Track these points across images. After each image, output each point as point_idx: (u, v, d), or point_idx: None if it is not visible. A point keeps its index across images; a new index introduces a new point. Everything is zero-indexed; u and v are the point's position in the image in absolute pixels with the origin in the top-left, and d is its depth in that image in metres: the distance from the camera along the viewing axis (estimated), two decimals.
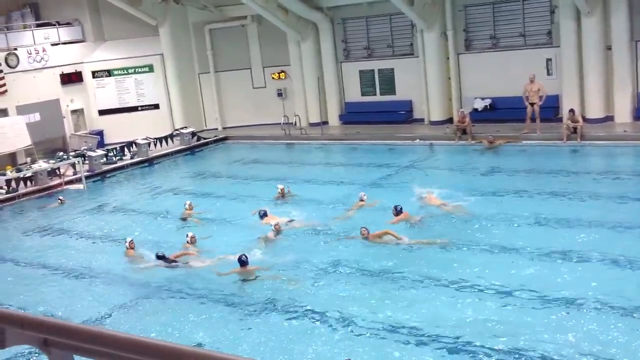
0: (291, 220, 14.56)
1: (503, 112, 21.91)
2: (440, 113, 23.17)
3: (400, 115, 23.99)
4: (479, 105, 22.38)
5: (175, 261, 12.82)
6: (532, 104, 20.13)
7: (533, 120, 20.18)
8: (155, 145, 23.90)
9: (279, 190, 16.75)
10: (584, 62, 20.28)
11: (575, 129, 19.37)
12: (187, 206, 16.29)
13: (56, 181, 20.75)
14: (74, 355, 1.84)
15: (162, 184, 20.31)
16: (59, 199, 18.63)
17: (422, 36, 22.89)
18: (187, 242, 13.45)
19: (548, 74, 21.30)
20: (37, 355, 8.77)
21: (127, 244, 13.82)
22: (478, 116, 21.92)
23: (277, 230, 13.79)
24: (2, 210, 18.65)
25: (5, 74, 23.39)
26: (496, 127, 20.98)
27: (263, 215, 14.75)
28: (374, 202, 15.14)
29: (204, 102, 27.28)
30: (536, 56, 21.37)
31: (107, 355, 1.69)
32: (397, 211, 13.86)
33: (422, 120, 23.65)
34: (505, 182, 16.28)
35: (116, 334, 1.67)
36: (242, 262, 11.88)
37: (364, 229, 13.02)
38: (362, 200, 15.22)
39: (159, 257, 12.91)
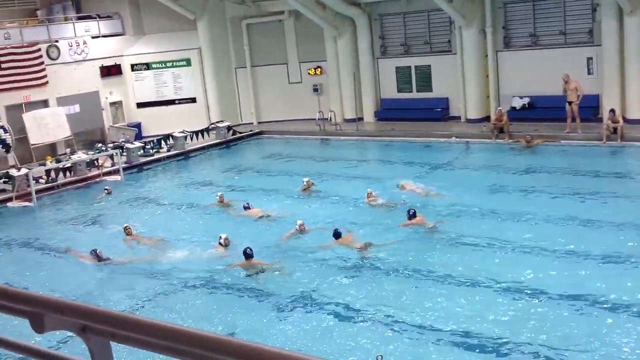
0: (268, 216, 15.04)
1: (542, 111, 21.60)
2: (477, 111, 22.95)
3: (436, 112, 23.83)
4: (517, 103, 22.10)
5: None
6: (569, 103, 19.82)
7: (573, 119, 19.87)
8: (191, 138, 24.11)
9: (305, 183, 16.99)
10: (625, 62, 19.89)
11: (615, 129, 19.02)
12: (218, 197, 16.52)
13: (94, 172, 21.06)
14: (110, 342, 1.86)
15: (198, 177, 20.49)
16: (105, 189, 18.88)
17: (460, 33, 22.69)
18: (220, 243, 13.10)
19: (589, 73, 20.94)
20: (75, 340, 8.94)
21: (124, 230, 14.36)
22: (516, 115, 21.64)
23: (302, 230, 13.77)
24: (41, 199, 18.98)
25: (46, 65, 23.81)
26: (534, 126, 20.71)
27: (246, 207, 15.36)
28: (377, 199, 15.16)
29: (240, 96, 27.42)
30: (576, 55, 21.03)
31: (143, 343, 1.70)
32: (410, 215, 13.53)
33: (458, 118, 23.47)
34: (542, 182, 16.05)
35: (153, 322, 1.69)
36: (247, 255, 11.96)
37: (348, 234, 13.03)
38: (368, 197, 15.14)
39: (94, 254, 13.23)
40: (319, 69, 26.22)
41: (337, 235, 12.85)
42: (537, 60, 21.83)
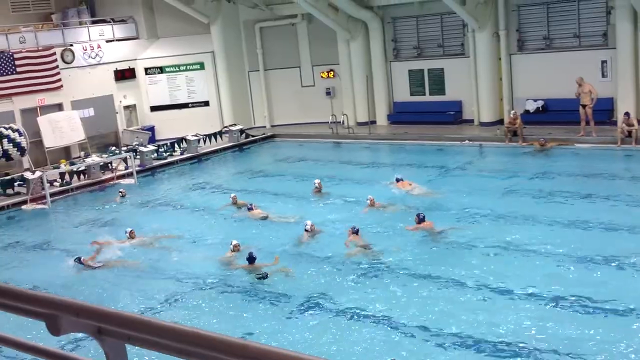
0: (266, 217, 15.34)
1: (556, 114, 21.48)
2: (491, 114, 22.87)
3: (449, 115, 23.76)
4: (531, 106, 22.00)
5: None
6: (583, 106, 19.71)
7: (587, 123, 19.75)
8: (204, 141, 24.18)
9: (316, 185, 17.07)
10: None
11: (630, 132, 18.88)
12: (232, 199, 16.68)
13: (108, 175, 21.17)
14: (126, 345, 1.87)
15: (211, 180, 20.54)
16: (120, 192, 18.97)
17: (473, 36, 22.63)
18: (231, 249, 13.06)
19: (603, 76, 20.80)
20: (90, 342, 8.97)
21: (127, 234, 14.50)
22: (529, 118, 21.54)
23: (313, 231, 13.82)
24: (55, 202, 19.10)
25: (61, 69, 23.98)
26: (548, 129, 20.60)
27: (249, 208, 15.69)
28: (381, 204, 15.21)
29: (253, 99, 27.49)
30: (591, 58, 20.90)
31: (159, 345, 1.71)
32: (420, 219, 13.49)
33: (471, 121, 23.39)
34: (555, 185, 15.97)
35: (169, 324, 1.69)
36: (251, 259, 12.12)
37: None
38: (371, 203, 15.15)
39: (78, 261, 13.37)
40: (331, 72, 26.23)
41: (355, 231, 13.14)
42: (551, 63, 21.72)
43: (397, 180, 16.76)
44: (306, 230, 13.74)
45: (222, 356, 1.57)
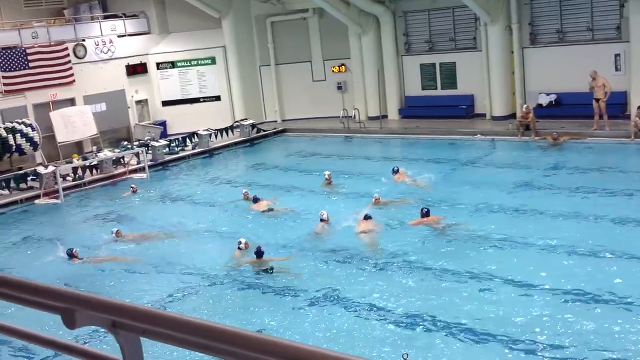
0: (271, 209, 15.45)
1: (569, 108, 21.36)
2: (503, 108, 22.76)
3: (461, 109, 23.68)
4: (544, 100, 21.88)
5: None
6: (597, 100, 19.57)
7: (600, 116, 19.62)
8: (216, 136, 24.23)
9: (326, 177, 17.19)
10: None
11: None
12: (243, 194, 16.75)
13: (120, 170, 21.25)
14: (140, 338, 1.87)
15: (222, 175, 20.59)
16: (131, 187, 19.05)
17: (485, 29, 22.52)
18: (240, 247, 12.86)
19: (616, 69, 20.65)
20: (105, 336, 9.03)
21: (113, 234, 14.61)
22: (542, 112, 21.42)
23: (327, 220, 13.90)
24: (68, 196, 19.20)
25: (73, 64, 24.07)
26: (561, 123, 20.48)
27: (255, 200, 15.85)
28: (387, 201, 15.21)
29: (264, 94, 27.49)
30: (604, 51, 20.74)
31: (174, 339, 1.71)
32: (423, 213, 13.46)
33: (483, 115, 23.30)
34: (568, 179, 15.88)
35: (184, 318, 1.69)
36: (258, 253, 12.09)
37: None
38: (376, 200, 15.10)
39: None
40: (342, 67, 26.19)
41: (366, 217, 13.52)
42: (564, 57, 21.57)
43: (394, 171, 16.90)
44: (322, 220, 13.83)
45: (238, 350, 1.57)
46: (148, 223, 16.05)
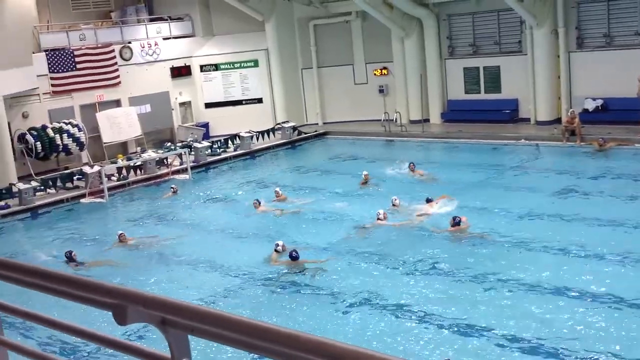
0: (281, 210, 15.79)
1: (616, 113, 20.91)
2: (548, 113, 22.40)
3: (505, 114, 23.37)
4: (590, 105, 21.46)
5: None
6: None
7: None
8: (257, 138, 24.36)
9: (364, 176, 17.50)
10: None
11: None
12: (275, 193, 16.94)
13: (164, 171, 21.52)
14: (188, 336, 1.88)
15: (263, 177, 20.67)
16: (172, 188, 19.27)
17: (531, 33, 22.20)
18: (277, 250, 12.82)
19: None
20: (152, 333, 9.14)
21: (117, 237, 14.72)
22: (588, 117, 21.01)
23: (384, 217, 14.08)
24: (112, 196, 19.51)
25: (119, 66, 24.49)
26: (608, 129, 20.05)
27: (258, 204, 16.16)
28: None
29: (306, 97, 27.56)
30: None
31: (223, 337, 1.71)
32: (455, 222, 13.14)
33: (528, 120, 22.95)
34: (615, 186, 15.54)
35: (234, 317, 1.69)
36: (293, 257, 12.26)
37: None
38: (394, 205, 14.99)
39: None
40: (385, 70, 26.09)
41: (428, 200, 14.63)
42: (611, 61, 21.13)
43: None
44: (378, 219, 13.99)
45: (287, 350, 1.56)
46: (188, 223, 16.23)
